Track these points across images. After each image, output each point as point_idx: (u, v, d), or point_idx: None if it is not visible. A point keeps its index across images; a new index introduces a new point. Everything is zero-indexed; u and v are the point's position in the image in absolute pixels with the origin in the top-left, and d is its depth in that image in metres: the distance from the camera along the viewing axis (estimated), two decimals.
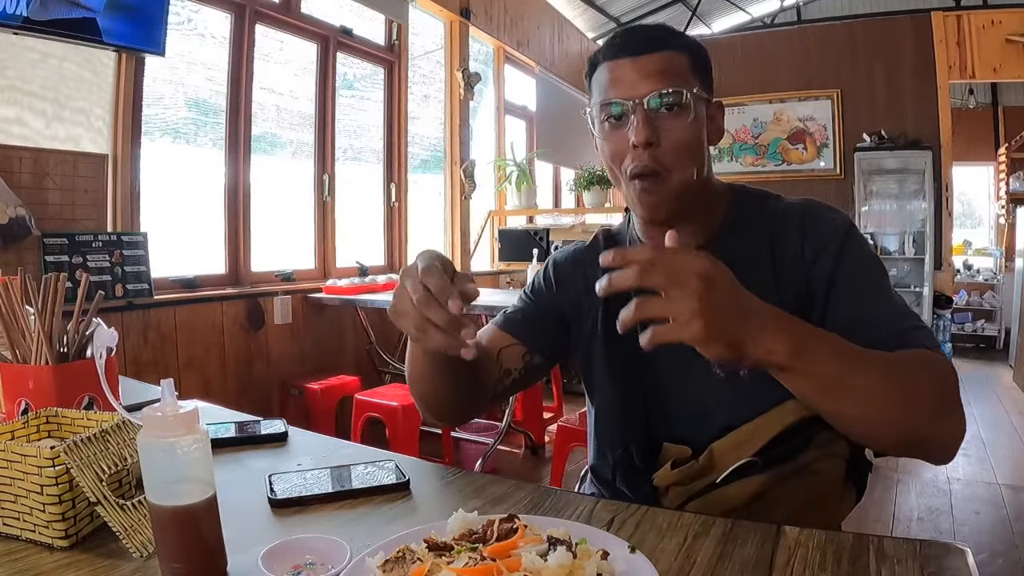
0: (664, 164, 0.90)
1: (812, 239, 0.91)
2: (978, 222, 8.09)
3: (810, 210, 0.95)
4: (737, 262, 0.86)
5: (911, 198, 5.68)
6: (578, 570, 0.57)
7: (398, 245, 4.33)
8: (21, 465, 0.67)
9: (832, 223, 0.92)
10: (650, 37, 0.93)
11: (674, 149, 0.90)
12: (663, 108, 0.89)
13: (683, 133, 0.90)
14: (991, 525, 2.70)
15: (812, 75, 5.91)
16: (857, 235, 0.92)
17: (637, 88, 0.90)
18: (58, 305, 0.90)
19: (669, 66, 0.90)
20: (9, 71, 2.34)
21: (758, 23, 7.51)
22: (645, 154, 0.89)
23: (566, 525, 0.66)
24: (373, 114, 4.23)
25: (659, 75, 0.90)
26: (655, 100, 0.89)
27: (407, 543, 0.61)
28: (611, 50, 0.94)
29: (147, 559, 0.65)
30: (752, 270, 0.87)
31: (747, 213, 0.98)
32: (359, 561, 0.60)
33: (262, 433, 1.05)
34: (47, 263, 2.41)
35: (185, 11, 3.00)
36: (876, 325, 0.83)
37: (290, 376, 3.28)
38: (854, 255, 0.89)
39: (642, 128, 0.88)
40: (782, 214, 0.96)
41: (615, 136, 0.93)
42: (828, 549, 0.63)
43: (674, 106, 0.89)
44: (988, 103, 7.30)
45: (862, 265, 0.89)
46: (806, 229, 0.93)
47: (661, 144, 0.90)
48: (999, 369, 5.69)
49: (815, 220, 0.93)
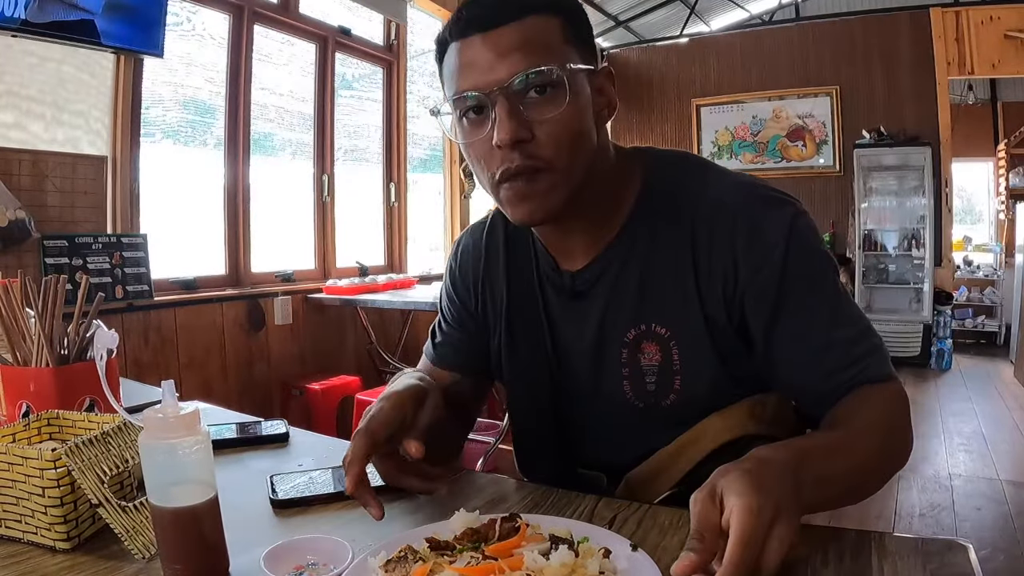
0: (542, 158, 0.74)
1: (748, 256, 0.77)
2: (978, 218, 8.08)
3: (744, 209, 0.78)
4: (650, 263, 0.82)
5: (911, 195, 5.67)
6: (580, 569, 0.57)
7: (398, 245, 4.33)
8: (23, 468, 0.67)
9: (772, 232, 0.76)
10: (504, 2, 0.73)
11: (552, 141, 0.73)
12: (532, 92, 0.72)
13: (561, 120, 0.73)
14: (993, 521, 2.70)
15: (811, 72, 5.90)
16: (802, 238, 0.77)
17: (494, 71, 0.72)
18: (58, 307, 0.90)
19: (533, 35, 0.72)
20: (7, 76, 2.34)
21: (757, 20, 7.50)
22: (515, 154, 0.73)
23: (568, 524, 0.66)
24: (372, 114, 4.22)
25: (521, 50, 0.72)
26: (519, 82, 0.71)
27: (409, 543, 0.62)
28: (458, 25, 0.75)
29: (149, 561, 0.65)
30: (673, 274, 0.81)
31: (662, 199, 0.82)
32: (361, 561, 0.60)
33: (263, 434, 1.05)
34: (47, 265, 2.41)
35: (183, 12, 3.00)
36: (826, 356, 0.76)
37: (291, 377, 3.28)
38: (800, 271, 0.76)
39: (506, 123, 0.71)
40: (710, 207, 0.79)
41: (478, 135, 0.75)
42: (830, 546, 0.63)
43: (546, 87, 0.72)
44: (987, 99, 7.29)
45: (809, 281, 0.77)
46: (739, 239, 0.77)
47: (535, 136, 0.73)
48: (1000, 365, 5.69)
49: (752, 227, 0.77)
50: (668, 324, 0.82)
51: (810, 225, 0.79)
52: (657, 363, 0.83)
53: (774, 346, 0.78)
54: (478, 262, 0.97)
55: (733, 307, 0.79)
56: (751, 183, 0.82)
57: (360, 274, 3.87)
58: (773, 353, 0.79)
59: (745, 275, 0.77)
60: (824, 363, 0.76)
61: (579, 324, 0.88)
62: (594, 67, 0.78)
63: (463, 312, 0.99)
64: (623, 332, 0.84)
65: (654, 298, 0.82)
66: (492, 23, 0.73)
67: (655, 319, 0.83)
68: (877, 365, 0.77)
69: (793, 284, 0.76)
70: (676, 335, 0.82)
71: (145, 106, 2.81)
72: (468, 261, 0.99)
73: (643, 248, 0.83)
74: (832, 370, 0.76)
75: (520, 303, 0.93)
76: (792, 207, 0.79)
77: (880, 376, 0.76)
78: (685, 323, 0.81)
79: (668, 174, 0.84)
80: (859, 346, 0.76)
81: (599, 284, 0.86)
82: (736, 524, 0.53)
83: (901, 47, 5.58)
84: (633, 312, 0.84)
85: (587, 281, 0.86)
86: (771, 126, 6.11)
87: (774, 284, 0.76)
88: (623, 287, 0.84)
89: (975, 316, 6.83)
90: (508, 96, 0.72)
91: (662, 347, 0.83)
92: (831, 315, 0.77)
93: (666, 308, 0.82)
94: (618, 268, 0.84)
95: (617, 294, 0.84)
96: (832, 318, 0.77)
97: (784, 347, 0.78)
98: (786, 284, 0.76)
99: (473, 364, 0.99)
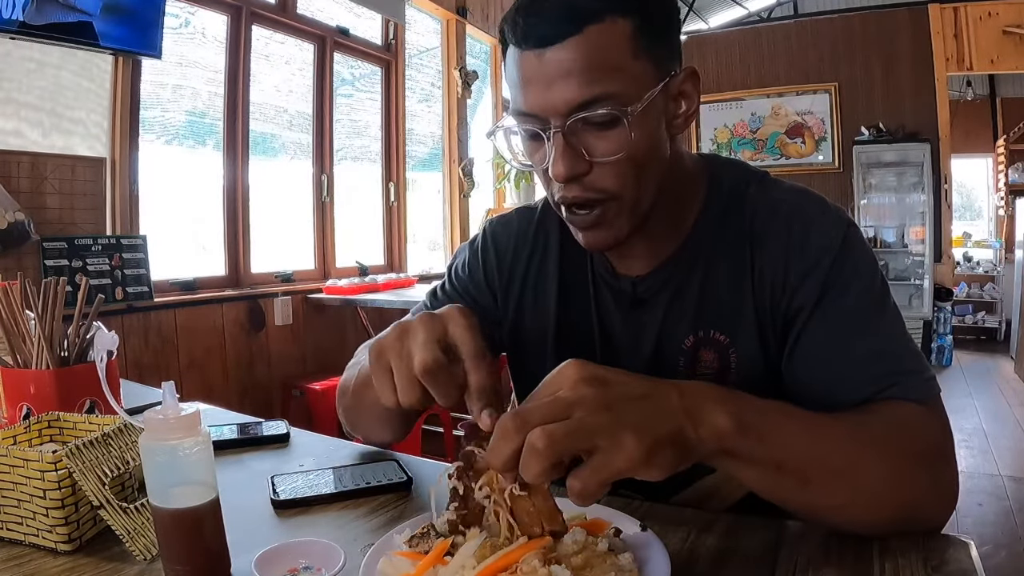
0: (603, 190, 0.69)
1: (798, 259, 0.74)
2: (977, 214, 8.08)
3: (799, 215, 0.76)
4: (710, 269, 0.79)
5: (910, 191, 5.67)
6: (592, 546, 0.58)
7: (398, 244, 4.33)
8: (23, 470, 0.67)
9: (824, 236, 0.74)
10: (562, 11, 0.64)
11: (615, 175, 0.68)
12: (592, 126, 0.66)
13: (624, 152, 0.67)
14: (994, 517, 2.70)
15: (810, 69, 5.90)
16: (853, 247, 0.74)
17: (549, 95, 0.65)
18: (58, 309, 0.90)
19: (595, 53, 0.64)
20: (6, 82, 2.33)
21: (755, 17, 7.49)
22: (573, 185, 0.69)
23: (577, 507, 0.67)
24: (371, 113, 4.22)
25: (580, 76, 0.64)
26: (573, 122, 0.65)
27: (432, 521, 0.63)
28: (515, 33, 0.68)
29: (151, 562, 0.65)
30: (731, 279, 0.77)
31: (725, 203, 0.80)
32: (387, 537, 0.62)
33: (264, 434, 1.05)
34: (47, 267, 2.40)
35: (182, 13, 3.00)
36: (855, 364, 0.69)
37: (291, 377, 3.28)
38: (843, 279, 0.72)
39: (559, 160, 0.66)
40: (767, 212, 0.77)
41: (534, 156, 0.71)
42: (831, 543, 0.63)
43: (607, 123, 0.66)
44: (986, 95, 7.28)
45: (847, 290, 0.72)
46: (792, 244, 0.74)
47: (593, 170, 0.68)
48: (1000, 361, 5.69)
49: (805, 232, 0.74)
50: (727, 330, 0.79)
51: (861, 238, 0.76)
52: (715, 371, 0.79)
53: (797, 349, 0.74)
54: (521, 248, 0.91)
55: (777, 313, 0.76)
56: (806, 191, 0.80)
57: (360, 274, 3.87)
58: (794, 356, 0.74)
59: (794, 281, 0.74)
60: (844, 370, 0.70)
61: (637, 333, 0.83)
62: (674, 72, 0.70)
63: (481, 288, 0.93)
64: (682, 340, 0.81)
65: (713, 304, 0.79)
66: (549, 39, 0.65)
67: (714, 325, 0.79)
68: (917, 385, 0.69)
69: (833, 289, 0.72)
70: (734, 341, 0.78)
71: (144, 107, 2.81)
72: (509, 242, 0.92)
73: (706, 254, 0.79)
74: (851, 380, 0.69)
75: (572, 307, 0.87)
76: (846, 217, 0.77)
77: (919, 396, 0.68)
78: (742, 329, 0.78)
79: (731, 180, 0.81)
80: (898, 362, 0.69)
81: (662, 292, 0.82)
82: (549, 378, 0.51)
83: (900, 43, 5.58)
84: (693, 318, 0.80)
85: (650, 289, 0.82)
86: (770, 123, 6.11)
87: (817, 288, 0.73)
88: (685, 294, 0.80)
89: (975, 312, 6.83)
90: (562, 130, 0.66)
91: (720, 354, 0.79)
92: (869, 326, 0.71)
93: (724, 313, 0.78)
94: (682, 276, 0.81)
95: (678, 301, 0.81)
96: (870, 327, 0.71)
97: (804, 349, 0.74)
98: (827, 288, 0.72)
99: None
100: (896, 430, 0.64)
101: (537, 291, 0.90)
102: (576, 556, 0.56)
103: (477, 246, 0.95)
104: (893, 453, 0.63)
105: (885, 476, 0.62)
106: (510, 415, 0.50)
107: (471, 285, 0.95)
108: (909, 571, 0.58)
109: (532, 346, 0.91)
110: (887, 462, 0.62)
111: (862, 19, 5.79)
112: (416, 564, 0.57)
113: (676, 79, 0.71)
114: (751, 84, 6.09)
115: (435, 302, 0.96)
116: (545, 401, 0.51)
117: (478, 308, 0.92)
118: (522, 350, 0.92)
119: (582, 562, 0.56)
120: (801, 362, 0.74)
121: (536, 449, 0.48)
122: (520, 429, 0.49)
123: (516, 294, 0.91)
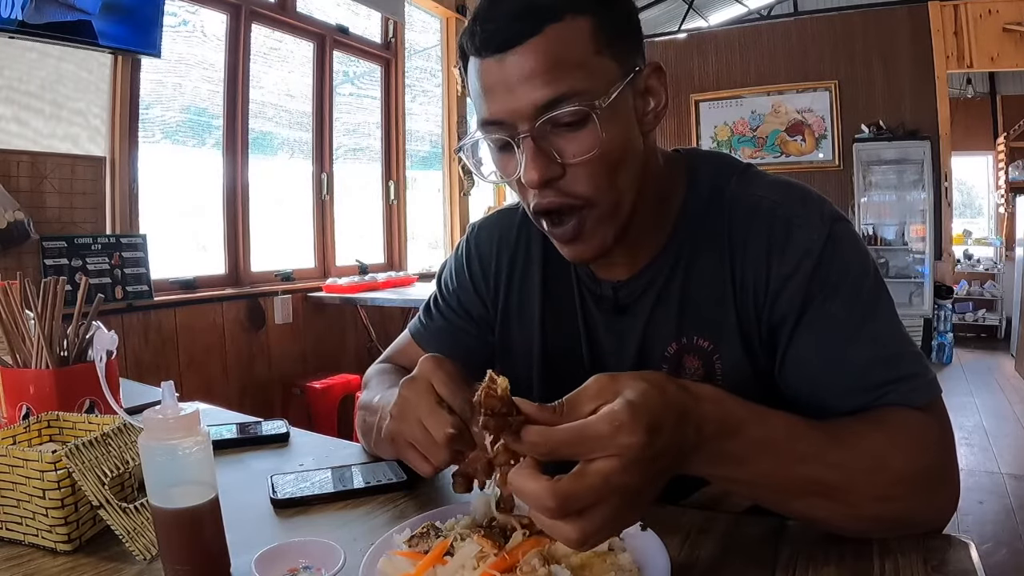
0: (578, 195, 0.68)
1: (779, 263, 0.71)
2: (978, 211, 8.08)
3: (779, 215, 0.72)
4: (692, 273, 0.77)
5: (910, 189, 5.66)
6: None
7: (398, 242, 4.33)
8: (23, 470, 0.67)
9: (807, 237, 0.70)
10: (520, 13, 0.63)
11: (588, 177, 0.67)
12: (560, 126, 0.65)
13: (597, 155, 0.65)
14: (995, 514, 2.70)
15: (810, 67, 5.89)
16: (839, 245, 0.70)
17: (513, 101, 0.64)
18: (58, 309, 0.90)
19: (556, 52, 0.63)
20: (6, 71, 2.34)
21: (755, 15, 7.48)
22: (547, 190, 0.67)
23: None
24: (371, 112, 4.22)
25: (543, 75, 0.63)
26: (541, 123, 0.64)
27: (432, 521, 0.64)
28: (473, 42, 0.67)
29: (150, 562, 0.65)
30: (712, 284, 0.75)
31: (705, 202, 0.77)
32: (386, 537, 0.63)
33: (264, 434, 1.05)
34: (46, 267, 2.41)
35: (181, 12, 3.00)
36: (848, 374, 0.67)
37: (291, 376, 3.28)
38: (830, 280, 0.69)
39: (530, 165, 0.65)
40: (746, 211, 0.74)
41: (506, 166, 0.70)
42: (831, 543, 0.63)
43: (577, 122, 0.65)
44: (986, 92, 7.27)
45: (836, 291, 0.69)
46: (773, 246, 0.71)
47: (567, 174, 0.67)
48: (1001, 358, 5.69)
49: (786, 232, 0.71)
50: (710, 336, 0.77)
51: (849, 232, 0.72)
52: (699, 378, 0.77)
53: (787, 359, 0.72)
54: (503, 253, 0.90)
55: (761, 319, 0.73)
56: (788, 184, 0.76)
57: (360, 272, 3.87)
58: (785, 366, 0.72)
59: (775, 285, 0.71)
60: (837, 380, 0.68)
61: (619, 339, 0.82)
62: (639, 67, 0.69)
63: (471, 298, 0.93)
64: (664, 346, 0.79)
65: (696, 309, 0.77)
66: (509, 43, 0.64)
67: (697, 331, 0.77)
68: (915, 389, 0.67)
69: (819, 294, 0.69)
70: (718, 347, 0.77)
71: (144, 106, 2.80)
72: (492, 247, 0.91)
73: (686, 257, 0.77)
74: (845, 389, 0.68)
75: (557, 311, 0.86)
76: (832, 211, 0.73)
77: (917, 401, 0.66)
78: (725, 334, 0.76)
79: (710, 177, 0.78)
80: (894, 368, 0.67)
81: (644, 297, 0.80)
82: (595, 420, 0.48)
83: (900, 41, 5.57)
84: (675, 324, 0.78)
85: (632, 294, 0.81)
86: (770, 121, 6.10)
87: (801, 294, 0.70)
88: (667, 299, 0.79)
89: (975, 310, 6.83)
90: (531, 134, 0.65)
91: (704, 361, 0.77)
92: (854, 330, 0.68)
93: (707, 319, 0.77)
94: (663, 280, 0.79)
95: (660, 307, 0.79)
96: (852, 335, 0.68)
97: (794, 359, 0.71)
98: (812, 294, 0.69)
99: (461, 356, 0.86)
100: (890, 448, 0.62)
101: (522, 295, 0.89)
102: (576, 556, 0.56)
103: (461, 255, 0.95)
104: (884, 478, 0.61)
105: (876, 496, 0.61)
106: (550, 495, 0.46)
107: (461, 296, 0.94)
108: (909, 571, 0.58)
109: (519, 347, 0.90)
110: (877, 486, 0.61)
111: (862, 17, 5.78)
112: (416, 564, 0.57)
113: (641, 74, 0.70)
114: (751, 82, 6.08)
115: (430, 321, 0.98)
116: (589, 484, 0.48)
117: (471, 320, 0.93)
118: (509, 353, 0.91)
119: (581, 562, 0.56)
120: (792, 372, 0.72)
121: (570, 540, 0.49)
122: (559, 514, 0.48)
123: (502, 299, 0.91)
